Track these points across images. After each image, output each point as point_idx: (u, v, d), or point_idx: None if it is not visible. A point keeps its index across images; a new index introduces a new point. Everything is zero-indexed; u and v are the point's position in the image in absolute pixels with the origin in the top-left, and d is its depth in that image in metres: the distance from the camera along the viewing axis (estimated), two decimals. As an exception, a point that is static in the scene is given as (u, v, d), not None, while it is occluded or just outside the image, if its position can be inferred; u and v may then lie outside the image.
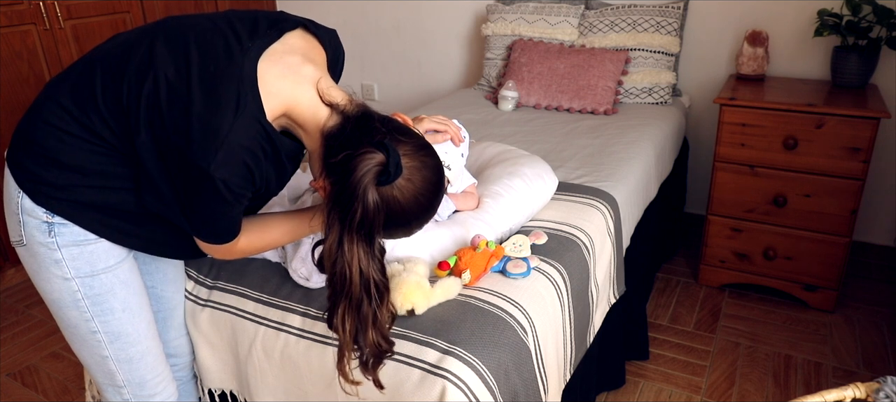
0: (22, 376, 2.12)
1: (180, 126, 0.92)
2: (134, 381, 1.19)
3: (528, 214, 1.53)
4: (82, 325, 1.11)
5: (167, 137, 0.93)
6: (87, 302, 1.09)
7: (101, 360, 1.15)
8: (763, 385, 1.93)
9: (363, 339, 0.97)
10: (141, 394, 1.21)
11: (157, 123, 0.94)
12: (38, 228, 1.03)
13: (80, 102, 0.99)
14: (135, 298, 1.15)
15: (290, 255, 1.32)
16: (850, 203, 2.11)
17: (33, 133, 1.01)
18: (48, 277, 1.07)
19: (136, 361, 1.18)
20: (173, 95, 0.93)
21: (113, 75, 0.98)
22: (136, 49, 0.99)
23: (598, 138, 2.16)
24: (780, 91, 2.29)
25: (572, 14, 2.72)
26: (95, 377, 1.19)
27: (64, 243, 1.04)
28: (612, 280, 1.67)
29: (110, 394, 1.20)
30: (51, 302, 1.11)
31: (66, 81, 1.02)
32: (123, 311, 1.13)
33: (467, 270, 1.25)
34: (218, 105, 0.92)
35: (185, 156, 0.92)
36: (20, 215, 1.03)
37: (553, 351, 1.31)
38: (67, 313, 1.10)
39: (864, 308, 2.30)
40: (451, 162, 1.38)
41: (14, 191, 1.03)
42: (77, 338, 1.14)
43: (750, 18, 2.56)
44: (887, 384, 1.07)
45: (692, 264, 2.61)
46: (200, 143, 0.91)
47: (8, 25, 2.49)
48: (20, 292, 2.63)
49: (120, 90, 0.97)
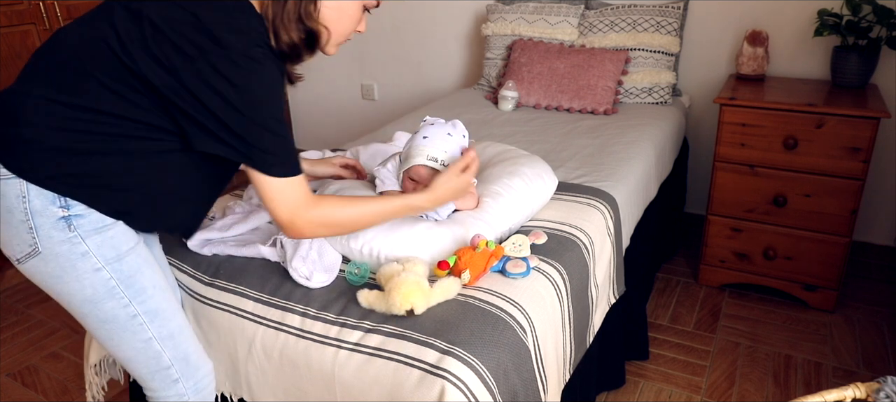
0: (22, 376, 2.12)
1: (201, 42, 0.97)
2: (179, 357, 1.19)
3: (527, 213, 1.53)
4: (121, 313, 1.10)
5: (196, 68, 0.97)
6: (122, 287, 1.09)
7: (144, 345, 1.14)
8: (763, 385, 1.93)
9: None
10: (187, 370, 1.21)
11: (177, 60, 0.97)
12: (54, 226, 1.01)
13: (75, 90, 0.99)
14: (158, 275, 1.16)
15: (289, 254, 1.32)
16: (851, 203, 2.11)
17: (38, 136, 0.99)
18: (77, 275, 1.05)
19: (176, 336, 1.18)
20: (176, 25, 0.98)
21: (102, 55, 0.99)
22: (100, 23, 1.01)
23: (598, 138, 2.16)
24: (780, 91, 2.29)
25: (572, 14, 2.72)
26: (139, 369, 1.17)
27: (86, 233, 1.03)
28: (611, 280, 1.67)
29: (158, 381, 1.19)
30: (83, 302, 1.08)
31: (43, 81, 1.00)
32: (154, 288, 1.14)
33: (467, 270, 1.24)
34: (229, 14, 1.00)
35: (224, 62, 0.96)
36: (30, 221, 1.01)
37: (553, 351, 1.31)
38: (104, 306, 1.09)
39: (865, 308, 2.30)
40: (450, 161, 1.38)
41: (16, 199, 1.00)
42: (117, 330, 1.12)
43: (750, 18, 2.56)
44: (887, 384, 1.07)
45: (692, 263, 2.61)
46: (234, 41, 0.97)
47: (8, 25, 2.49)
48: (20, 292, 2.63)
49: (120, 62, 0.98)
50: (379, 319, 1.18)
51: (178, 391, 1.20)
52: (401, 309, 1.16)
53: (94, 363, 1.51)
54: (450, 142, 1.39)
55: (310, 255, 1.32)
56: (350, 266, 1.32)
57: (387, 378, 1.11)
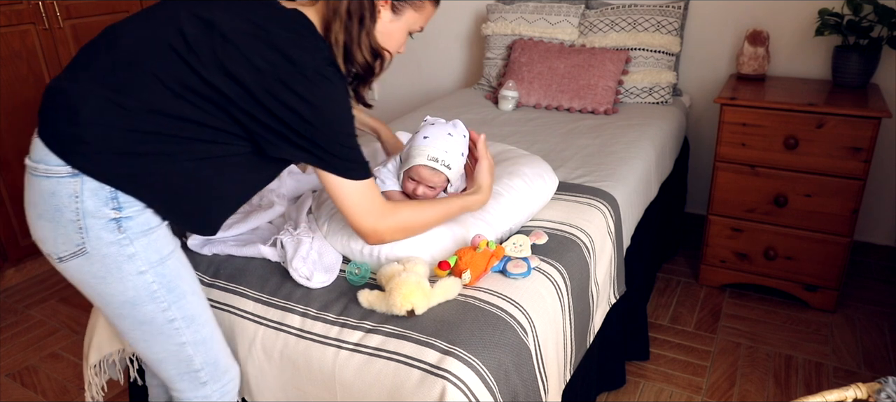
0: (21, 376, 2.12)
1: (273, 58, 1.00)
2: (210, 361, 1.20)
3: (528, 213, 1.53)
4: (159, 316, 1.11)
5: (266, 82, 1.00)
6: (163, 291, 1.10)
7: (177, 349, 1.15)
8: (764, 386, 1.93)
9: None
10: (216, 373, 1.22)
11: (249, 75, 1.00)
12: (105, 228, 1.02)
13: (137, 92, 1.00)
14: (195, 280, 1.18)
15: (290, 254, 1.32)
16: (851, 203, 2.11)
17: (99, 136, 0.99)
18: (120, 276, 1.05)
19: (208, 341, 1.19)
20: (247, 39, 1.01)
21: (166, 58, 1.00)
22: (164, 27, 1.03)
23: (599, 138, 2.16)
24: (781, 91, 2.28)
25: (572, 13, 2.72)
26: (169, 370, 1.18)
27: (134, 235, 1.04)
28: (612, 280, 1.66)
29: (186, 383, 1.19)
30: (123, 304, 1.08)
31: (101, 80, 1.00)
32: (192, 294, 1.15)
33: (468, 270, 1.24)
34: (297, 34, 1.04)
35: (297, 78, 1.00)
36: (82, 220, 1.00)
37: (553, 351, 1.31)
38: (143, 309, 1.09)
39: (865, 308, 2.30)
40: (451, 162, 1.38)
41: (68, 198, 1.00)
42: (153, 332, 1.12)
43: (750, 18, 2.55)
44: (888, 384, 1.07)
45: (693, 263, 2.61)
46: (306, 59, 1.01)
47: (7, 25, 2.48)
48: (20, 292, 2.63)
49: (189, 68, 1.00)
50: (379, 319, 1.18)
51: (205, 394, 1.21)
52: (401, 310, 1.16)
53: (93, 363, 1.51)
54: (450, 142, 1.39)
55: (310, 255, 1.32)
56: (350, 266, 1.32)
57: (387, 379, 1.11)
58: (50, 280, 2.72)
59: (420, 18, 1.23)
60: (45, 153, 1.00)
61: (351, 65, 1.14)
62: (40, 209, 1.02)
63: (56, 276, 2.74)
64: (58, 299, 2.57)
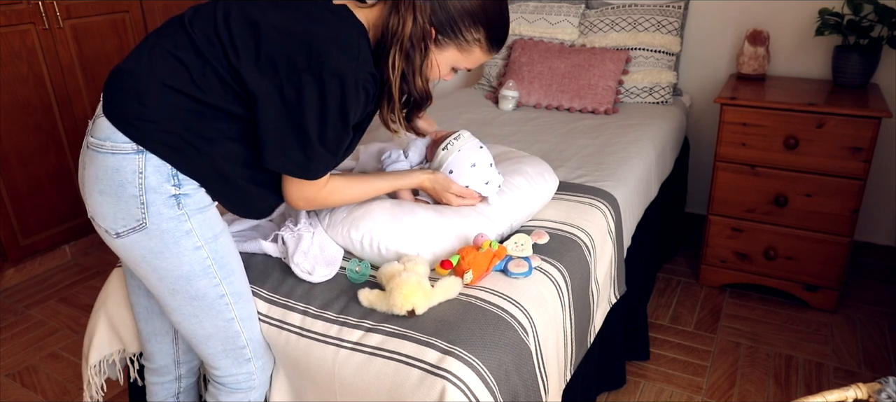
0: (21, 376, 2.11)
1: (308, 46, 1.03)
2: (254, 338, 1.23)
3: (529, 212, 1.53)
4: (211, 291, 1.14)
5: (295, 67, 1.03)
6: (216, 267, 1.13)
7: (225, 325, 1.18)
8: (764, 386, 1.93)
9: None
10: (259, 350, 1.24)
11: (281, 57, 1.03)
12: (165, 204, 1.06)
13: (199, 85, 1.05)
14: (240, 259, 1.21)
15: (291, 249, 1.32)
16: (852, 203, 2.11)
17: (163, 117, 1.04)
18: (177, 251, 1.09)
19: (253, 318, 1.23)
20: (286, 30, 1.04)
21: (217, 53, 1.05)
22: (213, 21, 1.07)
23: (599, 138, 2.16)
24: (781, 90, 2.28)
25: (573, 13, 2.72)
26: (215, 346, 1.20)
27: (192, 211, 1.09)
28: (612, 280, 1.66)
29: (230, 360, 1.21)
30: (177, 278, 1.11)
31: (164, 69, 1.05)
32: (240, 271, 1.20)
33: (470, 270, 1.24)
34: (340, 29, 1.06)
35: (320, 64, 1.02)
36: (144, 196, 1.04)
37: (553, 351, 1.31)
38: (197, 283, 1.12)
39: (866, 308, 2.30)
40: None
41: (132, 174, 1.03)
42: (204, 308, 1.15)
43: (751, 18, 2.55)
44: (889, 384, 1.07)
45: (693, 263, 2.61)
46: (338, 54, 1.03)
47: (7, 25, 2.48)
48: (20, 292, 2.63)
49: (230, 65, 1.05)
50: (379, 318, 1.18)
51: (248, 370, 1.23)
52: (402, 310, 1.16)
53: (93, 363, 1.50)
54: (472, 173, 1.42)
55: (311, 250, 1.32)
56: (351, 264, 1.31)
57: (387, 378, 1.10)
58: (50, 280, 2.72)
59: (466, 60, 1.24)
60: (112, 131, 1.04)
61: (414, 92, 1.18)
62: (103, 185, 1.05)
63: (56, 276, 2.74)
64: (58, 299, 2.57)
